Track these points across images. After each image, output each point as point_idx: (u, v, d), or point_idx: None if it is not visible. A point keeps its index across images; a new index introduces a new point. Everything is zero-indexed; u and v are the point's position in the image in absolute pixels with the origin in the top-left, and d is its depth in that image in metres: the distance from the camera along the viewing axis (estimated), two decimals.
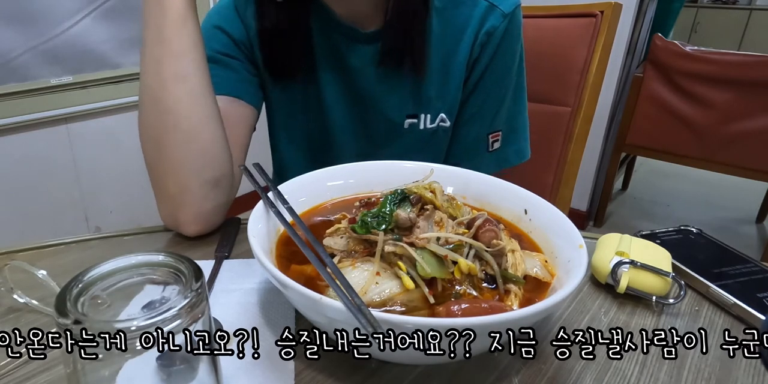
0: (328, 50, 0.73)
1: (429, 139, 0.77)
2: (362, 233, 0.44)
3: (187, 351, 0.29)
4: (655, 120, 2.11)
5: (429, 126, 0.76)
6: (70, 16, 1.61)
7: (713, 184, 2.95)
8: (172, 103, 0.56)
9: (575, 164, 0.99)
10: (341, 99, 0.75)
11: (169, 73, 0.56)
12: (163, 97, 0.56)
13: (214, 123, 0.60)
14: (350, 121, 0.77)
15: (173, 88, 0.56)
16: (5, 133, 1.59)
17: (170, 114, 0.56)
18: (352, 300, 0.34)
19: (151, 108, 0.58)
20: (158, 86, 0.57)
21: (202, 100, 0.58)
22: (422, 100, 0.75)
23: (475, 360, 0.43)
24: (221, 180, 0.60)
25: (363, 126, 0.78)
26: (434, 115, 0.76)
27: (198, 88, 0.58)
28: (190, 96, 0.57)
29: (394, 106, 0.75)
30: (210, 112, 0.59)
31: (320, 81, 0.74)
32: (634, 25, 2.12)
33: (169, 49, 0.56)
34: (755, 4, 4.59)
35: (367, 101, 0.75)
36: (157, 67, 0.56)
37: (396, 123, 0.76)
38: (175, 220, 0.60)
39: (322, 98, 0.75)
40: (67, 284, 0.28)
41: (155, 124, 0.57)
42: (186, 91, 0.57)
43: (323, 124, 0.78)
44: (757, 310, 0.47)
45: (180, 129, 0.57)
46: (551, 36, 0.98)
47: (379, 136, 0.78)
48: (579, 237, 0.45)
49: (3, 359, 0.40)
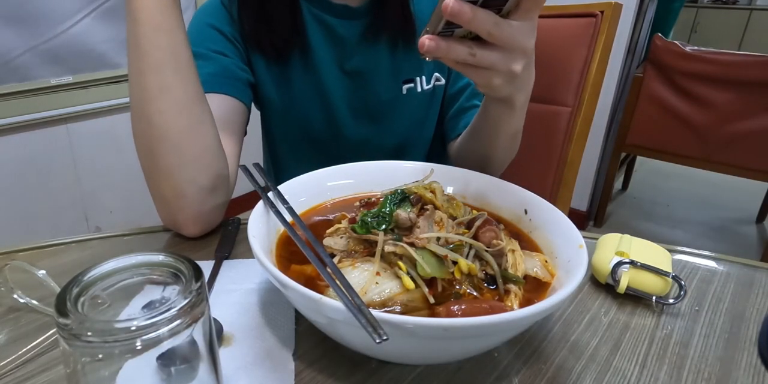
0: (320, 29, 0.74)
1: (428, 103, 0.80)
2: (362, 233, 0.44)
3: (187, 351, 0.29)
4: (655, 120, 2.11)
5: (426, 87, 0.79)
6: (70, 16, 1.61)
7: (713, 184, 2.95)
8: (156, 115, 0.55)
9: (575, 164, 0.99)
10: (338, 76, 0.76)
11: (150, 86, 0.55)
12: (147, 109, 0.55)
13: (205, 129, 0.58)
14: (349, 99, 0.78)
15: (156, 100, 0.55)
16: (5, 133, 1.59)
17: (155, 126, 0.55)
18: (352, 300, 0.34)
19: (138, 119, 0.57)
20: (142, 98, 0.55)
21: (187, 110, 0.57)
22: (415, 64, 0.78)
23: (475, 360, 0.43)
24: (217, 183, 0.60)
25: (362, 103, 0.79)
26: (429, 75, 0.79)
27: (183, 97, 0.56)
28: (174, 107, 0.55)
29: (390, 75, 0.77)
30: (198, 120, 0.58)
31: (315, 60, 0.75)
32: (634, 25, 2.12)
33: (147, 61, 0.54)
34: (755, 4, 4.59)
35: (364, 74, 0.77)
36: (139, 79, 0.55)
37: (394, 90, 0.78)
38: (174, 222, 0.60)
39: (319, 78, 0.76)
40: (67, 284, 0.28)
41: (144, 134, 0.56)
42: (169, 102, 0.55)
43: (323, 106, 0.78)
44: None
45: (168, 139, 0.56)
46: (551, 36, 0.98)
47: (379, 111, 0.79)
48: (579, 237, 0.45)
49: (3, 359, 0.40)
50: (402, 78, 0.77)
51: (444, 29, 0.40)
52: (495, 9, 0.40)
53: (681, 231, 2.47)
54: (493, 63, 0.43)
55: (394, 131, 0.81)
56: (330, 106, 0.78)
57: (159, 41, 0.54)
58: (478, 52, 0.42)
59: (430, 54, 0.40)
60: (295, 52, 0.74)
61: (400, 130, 0.82)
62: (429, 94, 0.79)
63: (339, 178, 0.58)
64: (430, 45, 0.40)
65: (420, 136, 0.83)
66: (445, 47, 0.40)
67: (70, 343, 0.25)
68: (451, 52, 0.41)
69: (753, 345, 0.46)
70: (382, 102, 0.79)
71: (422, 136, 0.84)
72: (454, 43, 0.41)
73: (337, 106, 0.78)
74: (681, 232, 2.46)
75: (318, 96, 0.77)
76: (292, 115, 0.80)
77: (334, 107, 0.78)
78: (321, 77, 0.76)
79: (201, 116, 0.58)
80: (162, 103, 0.55)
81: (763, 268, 0.58)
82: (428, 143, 0.86)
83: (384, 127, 0.80)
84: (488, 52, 0.43)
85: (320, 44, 0.74)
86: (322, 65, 0.75)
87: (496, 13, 0.40)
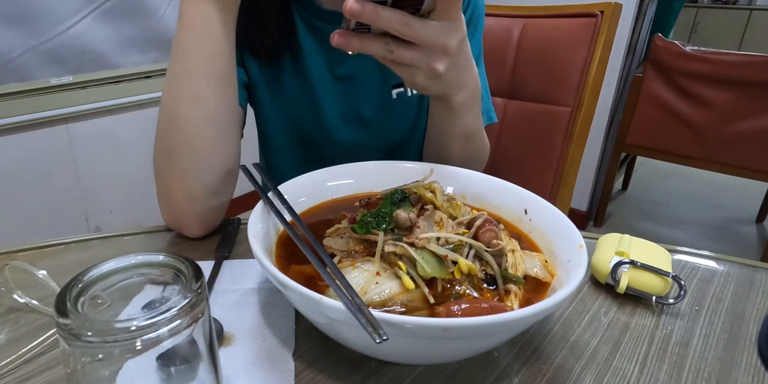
0: (312, 34, 0.74)
1: (418, 107, 0.79)
2: (362, 233, 0.44)
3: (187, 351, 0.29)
4: (655, 120, 2.11)
5: (415, 91, 0.78)
6: (70, 16, 1.61)
7: (713, 184, 2.95)
8: (184, 122, 0.55)
9: (575, 164, 0.99)
10: (329, 81, 0.76)
11: (183, 92, 0.55)
12: (177, 114, 0.55)
13: (230, 140, 0.59)
14: (340, 104, 0.78)
15: (187, 107, 0.55)
16: (5, 133, 1.59)
17: (181, 132, 0.55)
18: (352, 300, 0.34)
19: (164, 121, 0.57)
20: (173, 102, 0.56)
21: (217, 121, 0.57)
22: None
23: (475, 360, 0.43)
24: (226, 187, 0.61)
25: (353, 108, 0.79)
26: None
27: (214, 108, 0.56)
28: (203, 116, 0.56)
29: (380, 80, 0.77)
30: (225, 131, 0.58)
31: (306, 65, 0.75)
32: (634, 25, 2.12)
33: (184, 65, 0.55)
34: (755, 4, 4.59)
35: (354, 79, 0.76)
36: (174, 83, 0.55)
37: (384, 95, 0.77)
38: (178, 223, 0.60)
39: (310, 82, 0.76)
40: (67, 284, 0.28)
41: (167, 135, 0.57)
42: (200, 111, 0.55)
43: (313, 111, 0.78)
44: None
45: (190, 145, 0.56)
46: (551, 36, 0.98)
47: (370, 116, 0.79)
48: (579, 237, 0.45)
49: (3, 359, 0.40)
50: (391, 82, 0.77)
51: (359, 26, 0.41)
52: (412, 9, 0.41)
53: (681, 231, 2.47)
54: (411, 60, 0.44)
55: (386, 135, 0.81)
56: (320, 110, 0.78)
57: (199, 48, 0.54)
58: (396, 49, 0.43)
59: (342, 48, 0.42)
60: (286, 56, 0.74)
61: (391, 134, 0.82)
62: (418, 98, 0.79)
63: (339, 178, 0.58)
64: (339, 40, 0.41)
65: (411, 139, 0.84)
66: (357, 43, 0.42)
67: (70, 343, 0.25)
68: (365, 48, 0.42)
69: (753, 345, 0.46)
70: (372, 106, 0.79)
71: (413, 140, 0.84)
72: (369, 39, 0.42)
73: (328, 111, 0.78)
74: (681, 232, 2.46)
75: (309, 100, 0.77)
76: (285, 118, 0.80)
77: (324, 112, 0.78)
78: (312, 82, 0.76)
79: (229, 128, 0.59)
80: (192, 111, 0.55)
81: (763, 268, 0.58)
82: (420, 146, 0.86)
83: (375, 132, 0.80)
84: (406, 50, 0.43)
85: (311, 49, 0.74)
86: (312, 70, 0.75)
87: (413, 12, 0.41)
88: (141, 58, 1.83)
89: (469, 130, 0.65)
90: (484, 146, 0.73)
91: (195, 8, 0.54)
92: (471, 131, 0.66)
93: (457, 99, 0.56)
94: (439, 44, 0.44)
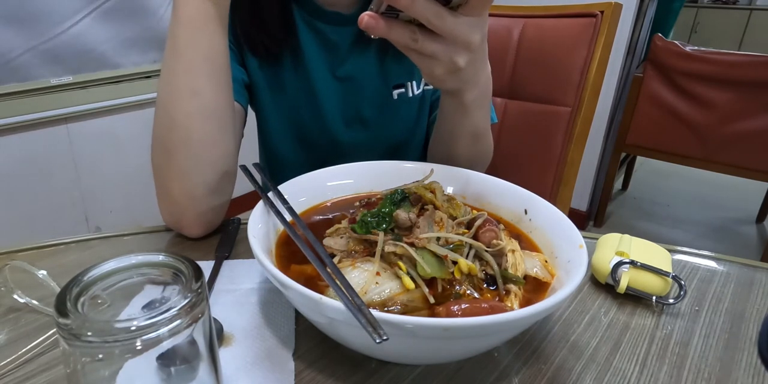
0: (313, 35, 0.74)
1: (419, 107, 0.80)
2: (362, 233, 0.44)
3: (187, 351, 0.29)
4: (655, 120, 2.11)
5: (416, 92, 0.79)
6: (70, 16, 1.61)
7: (713, 184, 2.95)
8: (182, 117, 0.55)
9: (575, 164, 0.99)
10: (330, 82, 0.76)
11: (181, 87, 0.55)
12: (174, 110, 0.55)
13: (228, 137, 0.59)
14: (341, 104, 0.78)
15: (185, 103, 0.55)
16: (5, 133, 1.59)
17: (179, 128, 0.55)
18: (352, 300, 0.34)
19: (161, 119, 0.57)
20: (170, 99, 0.55)
21: (215, 117, 0.57)
22: (405, 69, 0.77)
23: (475, 360, 0.43)
24: (225, 185, 0.60)
25: (354, 108, 0.79)
26: (419, 79, 0.79)
27: (212, 103, 0.56)
28: (202, 112, 0.56)
29: (381, 80, 0.77)
30: (223, 127, 0.58)
31: (307, 66, 0.75)
32: (634, 25, 2.12)
33: (181, 61, 0.54)
34: (755, 4, 4.58)
35: (356, 80, 0.77)
36: (171, 80, 0.55)
37: (385, 96, 0.77)
38: (178, 223, 0.60)
39: (311, 83, 0.76)
40: (67, 284, 0.28)
41: (165, 134, 0.56)
42: (198, 107, 0.55)
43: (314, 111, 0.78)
44: None
45: (189, 142, 0.56)
46: (551, 36, 0.98)
47: (371, 117, 0.79)
48: (579, 237, 0.45)
49: (3, 359, 0.40)
50: (392, 83, 0.77)
51: (388, 11, 0.41)
52: (444, 0, 0.40)
53: (681, 231, 2.47)
54: (434, 52, 0.44)
55: (387, 136, 0.82)
56: (321, 111, 0.78)
57: (196, 43, 0.54)
58: (420, 38, 0.43)
59: (369, 31, 0.41)
60: (287, 56, 0.74)
61: (391, 134, 0.82)
62: (419, 99, 0.80)
63: (339, 178, 0.58)
64: (369, 22, 0.41)
65: (412, 139, 0.84)
66: (384, 27, 0.41)
67: (70, 343, 0.25)
68: (392, 34, 0.42)
69: (753, 345, 0.46)
70: (373, 107, 0.79)
71: (414, 140, 0.84)
72: (396, 25, 0.42)
73: (329, 111, 0.78)
74: (681, 232, 2.46)
75: (310, 101, 0.77)
76: (285, 118, 0.80)
77: (325, 112, 0.78)
78: (313, 82, 0.76)
79: (227, 122, 0.59)
80: (190, 106, 0.55)
81: (763, 268, 0.58)
82: (421, 146, 0.86)
83: (376, 132, 0.80)
84: (431, 41, 0.43)
85: (312, 50, 0.74)
86: (314, 71, 0.75)
87: (444, 4, 0.41)
88: (141, 58, 1.83)
89: (477, 129, 0.65)
90: (490, 147, 0.72)
91: (190, 4, 0.54)
92: (480, 130, 0.65)
93: (470, 96, 0.56)
94: (464, 39, 0.44)
